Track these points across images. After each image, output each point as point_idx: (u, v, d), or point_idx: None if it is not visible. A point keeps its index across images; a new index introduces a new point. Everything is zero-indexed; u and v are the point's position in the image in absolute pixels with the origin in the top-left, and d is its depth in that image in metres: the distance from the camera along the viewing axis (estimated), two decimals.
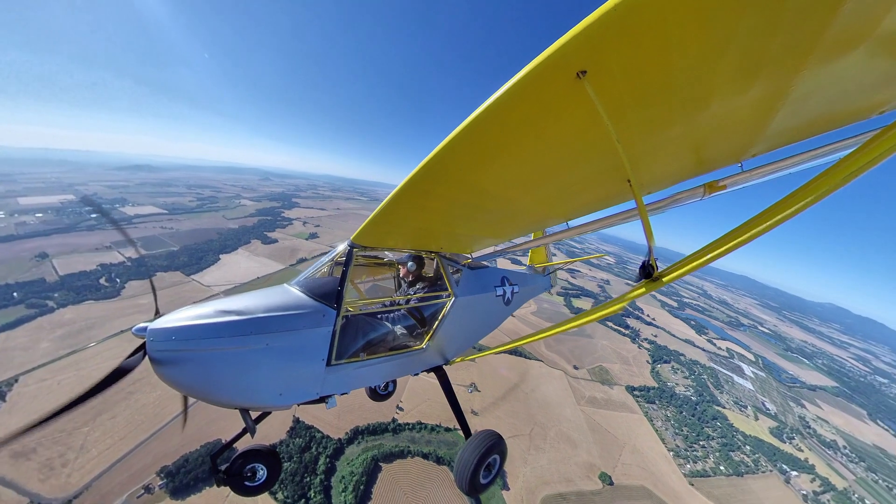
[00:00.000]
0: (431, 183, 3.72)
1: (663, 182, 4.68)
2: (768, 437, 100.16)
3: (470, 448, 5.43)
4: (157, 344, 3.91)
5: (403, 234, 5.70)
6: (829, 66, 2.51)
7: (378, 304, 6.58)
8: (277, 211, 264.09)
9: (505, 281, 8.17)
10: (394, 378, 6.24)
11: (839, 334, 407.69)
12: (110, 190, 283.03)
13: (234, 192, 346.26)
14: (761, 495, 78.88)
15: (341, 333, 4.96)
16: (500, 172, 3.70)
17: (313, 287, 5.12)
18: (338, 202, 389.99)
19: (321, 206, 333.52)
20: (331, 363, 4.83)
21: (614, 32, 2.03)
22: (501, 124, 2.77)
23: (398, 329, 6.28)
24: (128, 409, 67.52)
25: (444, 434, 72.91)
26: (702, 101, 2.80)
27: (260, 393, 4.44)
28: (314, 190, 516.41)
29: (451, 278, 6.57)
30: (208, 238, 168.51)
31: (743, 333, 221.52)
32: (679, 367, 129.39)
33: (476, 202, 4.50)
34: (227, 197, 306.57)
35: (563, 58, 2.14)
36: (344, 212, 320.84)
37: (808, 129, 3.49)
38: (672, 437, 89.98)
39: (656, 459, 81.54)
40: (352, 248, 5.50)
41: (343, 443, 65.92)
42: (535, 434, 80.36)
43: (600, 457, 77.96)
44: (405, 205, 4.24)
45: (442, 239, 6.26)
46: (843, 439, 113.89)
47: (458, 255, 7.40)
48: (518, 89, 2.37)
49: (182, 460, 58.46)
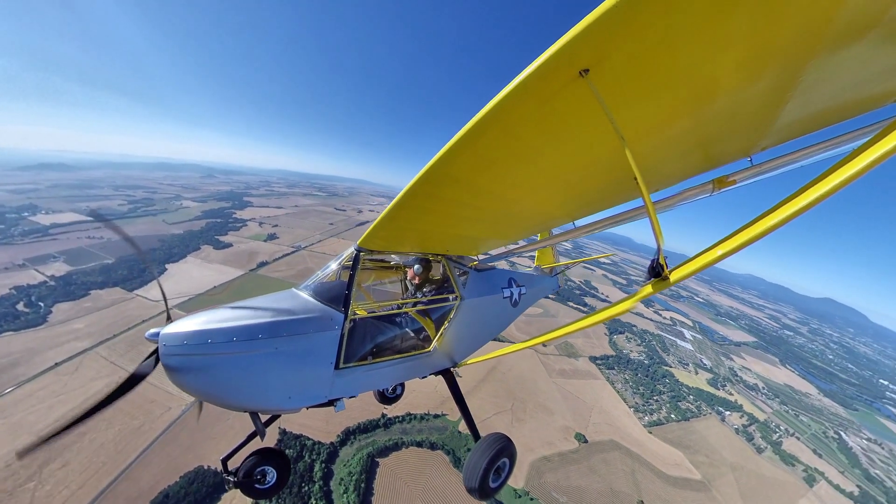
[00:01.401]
0: (436, 186, 3.70)
1: (671, 179, 4.62)
2: (706, 387, 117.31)
3: (479, 452, 5.35)
4: (169, 349, 3.98)
5: (409, 238, 5.65)
6: (838, 53, 2.42)
7: (385, 308, 6.61)
8: (228, 212, 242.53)
9: (512, 282, 8.11)
10: (402, 381, 6.13)
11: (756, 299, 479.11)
12: (14, 196, 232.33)
13: (173, 193, 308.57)
14: (704, 433, 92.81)
15: (349, 337, 4.97)
16: (504, 173, 3.68)
17: (321, 291, 5.19)
18: (295, 199, 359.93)
19: (277, 204, 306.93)
20: (339, 366, 4.85)
21: (615, 29, 2.01)
22: (504, 126, 2.76)
23: (406, 332, 6.27)
24: (82, 453, 58.07)
25: (433, 421, 75.63)
26: (708, 96, 2.76)
27: (270, 396, 4.47)
28: (268, 187, 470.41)
29: (458, 280, 6.52)
30: (149, 247, 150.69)
31: (683, 304, 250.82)
32: (632, 337, 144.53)
33: (481, 204, 4.45)
34: (166, 198, 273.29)
35: (564, 57, 2.14)
36: (303, 209, 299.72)
37: (818, 120, 3.38)
38: (631, 396, 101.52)
39: (620, 416, 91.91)
40: (358, 251, 5.47)
41: (336, 446, 64.96)
42: (516, 408, 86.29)
43: (574, 420, 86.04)
44: (410, 208, 4.20)
45: (448, 241, 6.17)
46: (763, 382, 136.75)
47: (465, 257, 7.35)
48: (520, 90, 2.35)
49: (161, 497, 52.49)
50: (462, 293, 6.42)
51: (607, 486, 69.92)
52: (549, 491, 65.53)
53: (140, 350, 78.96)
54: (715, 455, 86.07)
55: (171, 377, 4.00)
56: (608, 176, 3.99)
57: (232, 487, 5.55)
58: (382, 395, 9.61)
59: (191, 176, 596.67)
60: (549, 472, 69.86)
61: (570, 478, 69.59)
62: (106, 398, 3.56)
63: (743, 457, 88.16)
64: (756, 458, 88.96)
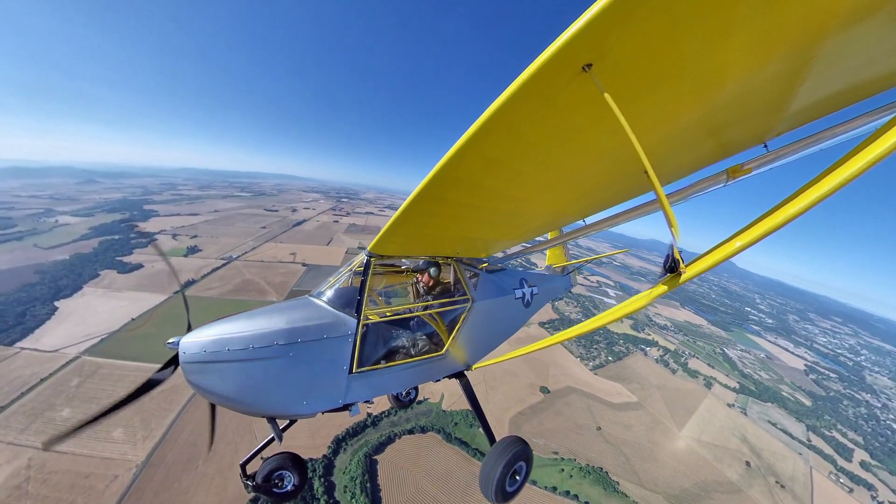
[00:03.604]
0: (444, 189, 3.68)
1: (683, 170, 4.46)
2: (631, 332, 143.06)
3: (494, 455, 5.33)
4: (189, 357, 4.16)
5: (419, 241, 5.65)
6: (852, 29, 2.28)
7: (397, 312, 6.52)
8: (127, 225, 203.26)
9: (523, 283, 8.06)
10: (415, 385, 6.08)
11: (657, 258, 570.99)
12: None
13: (41, 207, 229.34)
14: (634, 367, 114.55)
15: (363, 342, 5.01)
16: (511, 174, 3.63)
17: (334, 298, 5.26)
18: (213, 202, 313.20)
19: (191, 210, 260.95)
20: (353, 371, 4.90)
21: (616, 22, 1.97)
22: (509, 126, 2.73)
23: (418, 336, 6.24)
24: None
25: (417, 408, 78.53)
26: (716, 83, 2.67)
27: (286, 401, 4.57)
28: (173, 190, 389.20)
29: (469, 283, 6.52)
30: (23, 283, 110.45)
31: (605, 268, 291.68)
32: (569, 301, 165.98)
33: (490, 205, 4.43)
34: (31, 215, 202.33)
35: (566, 54, 2.11)
36: (226, 214, 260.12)
37: (836, 101, 3.18)
38: (577, 349, 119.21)
39: (571, 366, 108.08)
40: (369, 257, 5.49)
41: (329, 457, 63.81)
42: (488, 378, 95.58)
43: (536, 377, 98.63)
44: (419, 212, 4.19)
45: (458, 244, 6.15)
46: (670, 322, 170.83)
47: (475, 258, 7.27)
48: (523, 90, 2.32)
49: None
50: (473, 295, 6.43)
51: (573, 422, 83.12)
52: (529, 438, 75.46)
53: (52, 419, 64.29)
54: (644, 381, 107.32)
55: (191, 382, 4.18)
56: (617, 171, 3.94)
57: (251, 492, 5.55)
58: (397, 399, 9.56)
59: (63, 183, 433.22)
60: (526, 423, 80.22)
61: (543, 423, 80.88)
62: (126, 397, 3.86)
63: (663, 378, 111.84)
64: (672, 378, 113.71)
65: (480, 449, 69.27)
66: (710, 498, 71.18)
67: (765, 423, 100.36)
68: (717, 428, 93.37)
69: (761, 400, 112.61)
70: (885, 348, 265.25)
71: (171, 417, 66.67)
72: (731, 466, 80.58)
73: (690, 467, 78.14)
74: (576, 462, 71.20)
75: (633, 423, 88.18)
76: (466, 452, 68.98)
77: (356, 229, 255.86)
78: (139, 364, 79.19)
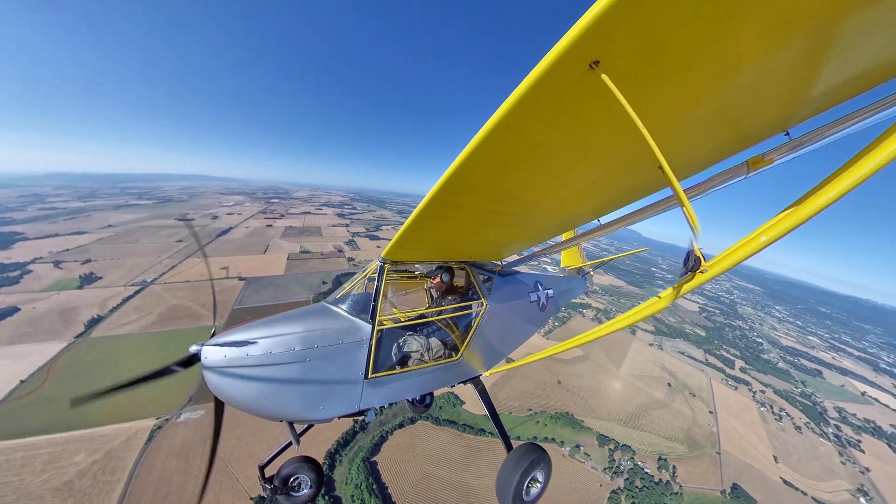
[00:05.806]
0: (455, 194, 3.69)
1: (700, 163, 4.25)
2: None
3: (511, 463, 5.32)
4: (210, 362, 4.30)
5: (432, 247, 5.66)
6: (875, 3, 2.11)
7: (412, 317, 6.53)
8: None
9: (538, 285, 8.00)
10: (431, 390, 6.01)
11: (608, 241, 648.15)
12: None
13: None
14: (576, 327, 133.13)
15: (377, 347, 5.07)
16: (523, 176, 3.63)
17: (349, 304, 5.34)
18: (103, 215, 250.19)
19: (74, 227, 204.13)
20: (368, 376, 4.95)
21: (622, 16, 1.92)
22: (518, 128, 2.72)
23: (432, 341, 6.16)
24: None
25: (402, 402, 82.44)
26: (731, 71, 2.55)
27: (303, 406, 4.64)
28: (42, 203, 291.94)
29: (483, 287, 6.49)
30: None
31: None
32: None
33: (502, 208, 4.41)
34: None
35: (572, 53, 2.07)
36: (124, 228, 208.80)
37: (862, 82, 2.99)
38: None
39: None
40: (383, 263, 5.54)
41: (327, 474, 61.59)
42: None
43: None
44: (432, 217, 4.21)
45: (471, 248, 6.14)
46: (598, 286, 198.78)
47: (488, 262, 7.22)
48: (530, 91, 2.31)
49: None
50: (487, 299, 6.38)
51: (537, 382, 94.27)
52: (505, 403, 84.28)
53: None
54: None
55: (212, 386, 4.34)
56: (631, 167, 3.82)
57: (270, 494, 5.65)
58: (413, 404, 9.57)
59: None
60: (500, 391, 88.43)
61: (514, 389, 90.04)
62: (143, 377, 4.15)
63: None
64: None
65: (468, 423, 74.93)
66: (648, 415, 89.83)
67: (676, 353, 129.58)
68: (644, 363, 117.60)
69: (671, 337, 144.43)
70: (749, 287, 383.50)
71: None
72: (658, 389, 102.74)
73: (630, 395, 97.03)
74: (547, 413, 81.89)
75: (584, 372, 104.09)
76: (456, 429, 74.07)
77: (295, 232, 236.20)
78: (50, 437, 60.82)
